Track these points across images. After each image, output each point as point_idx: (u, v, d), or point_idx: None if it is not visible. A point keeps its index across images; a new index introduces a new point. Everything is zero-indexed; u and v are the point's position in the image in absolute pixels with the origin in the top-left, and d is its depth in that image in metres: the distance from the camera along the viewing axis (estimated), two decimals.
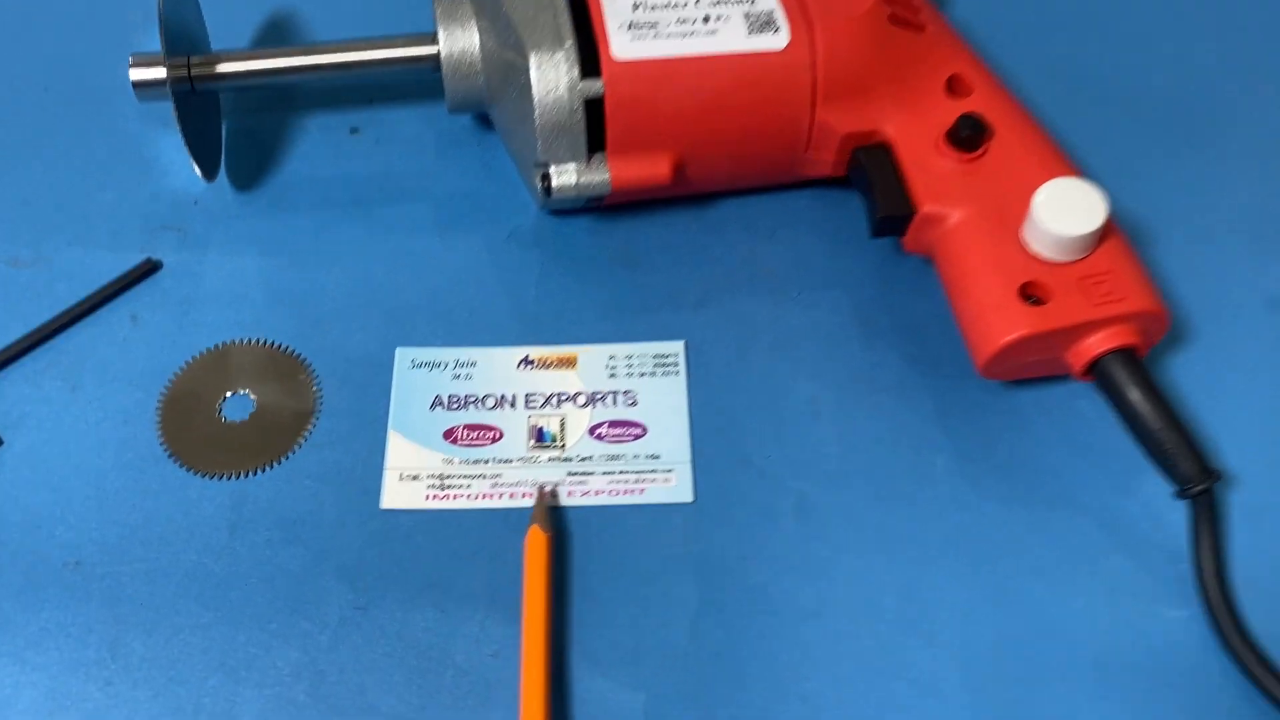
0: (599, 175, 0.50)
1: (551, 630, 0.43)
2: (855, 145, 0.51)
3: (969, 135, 0.49)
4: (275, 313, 0.52)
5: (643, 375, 0.50)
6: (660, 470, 0.48)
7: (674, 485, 0.47)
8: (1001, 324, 0.46)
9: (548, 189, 0.50)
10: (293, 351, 0.51)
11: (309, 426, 0.49)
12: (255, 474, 0.48)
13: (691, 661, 0.43)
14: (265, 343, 0.51)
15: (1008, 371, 0.48)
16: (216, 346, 0.51)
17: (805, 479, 0.47)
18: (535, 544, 0.44)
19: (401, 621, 0.44)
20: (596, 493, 0.47)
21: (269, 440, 0.48)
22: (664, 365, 0.50)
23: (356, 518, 0.47)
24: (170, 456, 0.48)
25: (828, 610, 0.45)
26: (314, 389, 0.50)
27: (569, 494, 0.47)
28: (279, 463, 0.48)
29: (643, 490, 0.47)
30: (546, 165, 0.50)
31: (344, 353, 0.51)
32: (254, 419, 0.49)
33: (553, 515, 0.46)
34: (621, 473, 0.48)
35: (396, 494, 0.47)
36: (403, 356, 0.51)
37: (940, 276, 0.49)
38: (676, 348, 0.51)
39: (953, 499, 0.47)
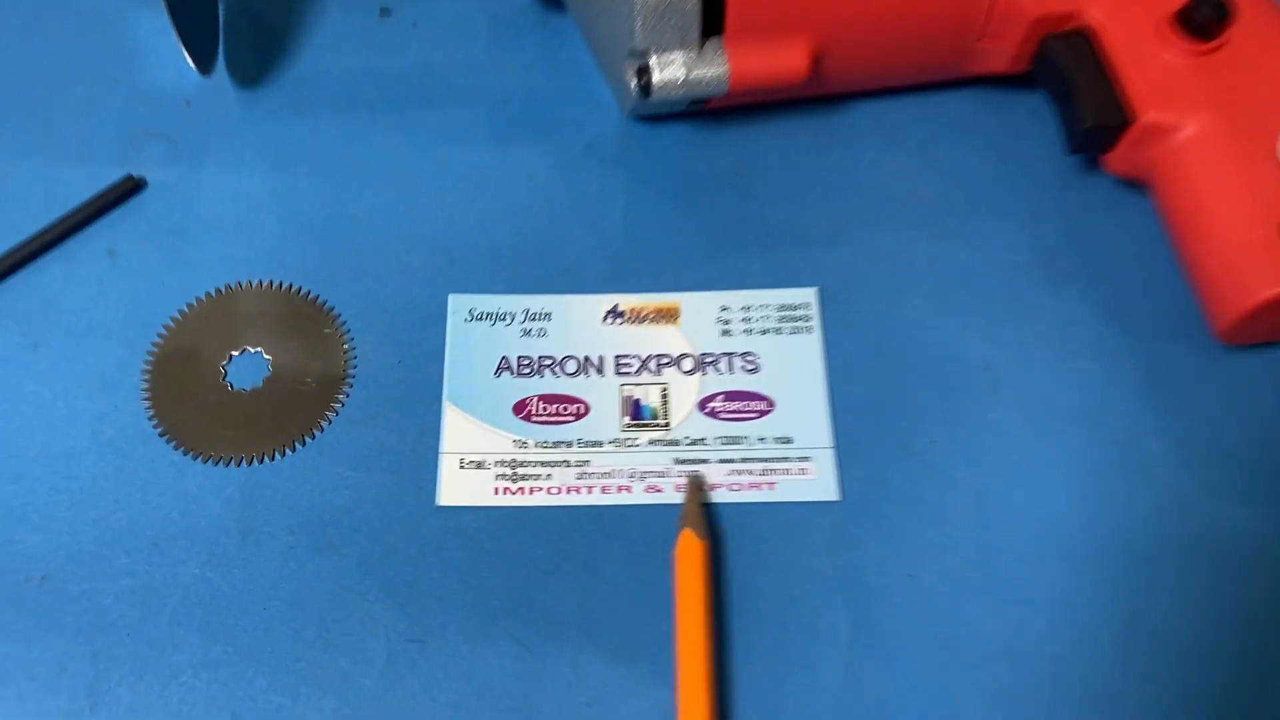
0: (714, 68, 0.38)
1: (714, 672, 0.33)
2: (1047, 31, 0.39)
3: (1208, 19, 0.37)
4: (293, 247, 0.40)
5: (765, 332, 0.39)
6: (794, 458, 0.37)
7: (813, 478, 0.37)
8: (1260, 273, 0.35)
9: (646, 86, 0.38)
10: (316, 298, 0.40)
11: (340, 396, 0.38)
12: (272, 459, 0.37)
13: (847, 709, 0.33)
14: (281, 286, 0.40)
15: (1257, 333, 0.37)
16: (218, 291, 0.40)
17: (983, 470, 0.37)
18: (689, 554, 0.34)
19: (468, 658, 0.34)
20: (712, 487, 0.37)
21: (289, 414, 0.38)
22: (792, 319, 0.39)
23: (406, 518, 0.36)
24: (161, 435, 0.37)
25: (1022, 646, 0.34)
26: (345, 347, 0.39)
27: (676, 488, 0.37)
28: (302, 444, 0.37)
29: (773, 485, 0.37)
30: (645, 55, 0.38)
31: (382, 300, 0.39)
32: (269, 386, 0.38)
33: (708, 514, 0.36)
34: (744, 460, 0.37)
35: (456, 487, 0.36)
36: (458, 306, 0.39)
37: (1161, 206, 0.38)
38: (808, 296, 0.40)
39: (1176, 497, 0.36)
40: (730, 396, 0.38)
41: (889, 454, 0.37)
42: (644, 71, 0.38)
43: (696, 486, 0.36)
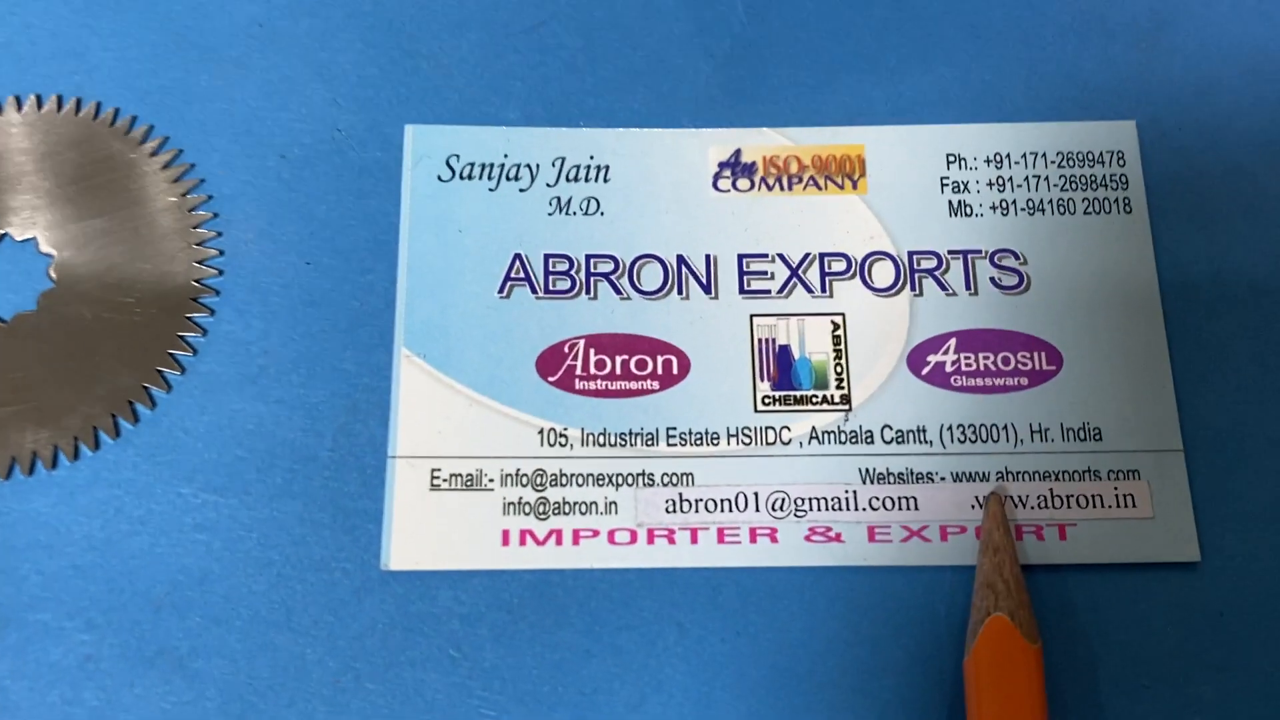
0: None
1: None
2: None
3: None
4: (96, 26, 0.21)
5: (1036, 209, 0.20)
6: (1106, 474, 0.18)
7: (1147, 516, 0.18)
8: None
9: None
10: (147, 133, 0.20)
11: (188, 334, 0.19)
12: (53, 467, 0.18)
13: None
14: (74, 107, 0.20)
15: None
16: None
17: None
18: (1006, 666, 0.17)
19: None
20: (944, 530, 0.18)
21: (88, 370, 0.19)
22: (1088, 183, 0.20)
23: (321, 597, 0.18)
24: None
25: None
26: (200, 230, 0.19)
27: (871, 533, 0.18)
28: (115, 434, 0.18)
29: (1065, 528, 0.18)
30: None
31: (275, 137, 0.20)
32: (48, 309, 0.19)
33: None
34: (1005, 478, 0.18)
35: (423, 530, 0.18)
36: (425, 147, 0.20)
37: None
38: (1119, 137, 0.20)
39: None
40: (972, 341, 0.19)
41: None
42: None
43: (1002, 519, 0.17)
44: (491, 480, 0.18)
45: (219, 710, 0.17)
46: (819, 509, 0.18)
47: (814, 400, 0.19)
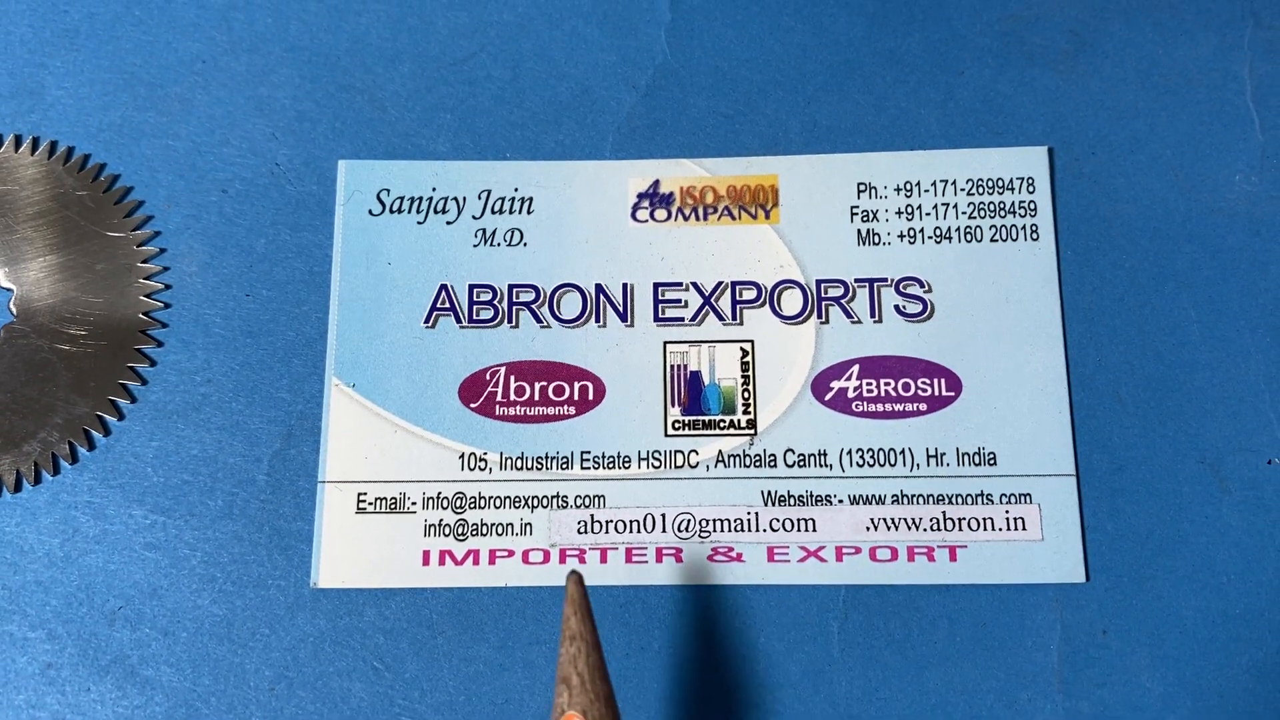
0: None
1: None
2: None
3: None
4: (49, 65, 0.22)
5: (944, 238, 0.20)
6: (999, 498, 0.19)
7: (1036, 539, 0.19)
8: None
9: None
10: (99, 171, 0.21)
11: (134, 364, 0.20)
12: (16, 491, 0.20)
13: None
14: (26, 144, 0.21)
15: None
16: None
17: None
18: None
19: None
20: (839, 551, 0.19)
21: (38, 398, 0.20)
22: (997, 211, 0.20)
23: (256, 612, 0.19)
24: None
25: None
26: (147, 265, 0.21)
27: (771, 554, 0.19)
28: (72, 460, 0.20)
29: (956, 550, 0.19)
30: None
31: (218, 172, 0.21)
32: (9, 339, 0.21)
33: (727, 600, 0.18)
34: (900, 501, 0.19)
35: (350, 550, 0.19)
36: (357, 181, 0.21)
37: None
38: (1029, 164, 0.21)
39: None
40: (874, 368, 0.20)
41: (1186, 490, 0.19)
42: None
43: (580, 603, 0.16)
44: (414, 503, 0.20)
45: (166, 715, 0.19)
46: (722, 530, 0.19)
47: (721, 425, 0.20)
